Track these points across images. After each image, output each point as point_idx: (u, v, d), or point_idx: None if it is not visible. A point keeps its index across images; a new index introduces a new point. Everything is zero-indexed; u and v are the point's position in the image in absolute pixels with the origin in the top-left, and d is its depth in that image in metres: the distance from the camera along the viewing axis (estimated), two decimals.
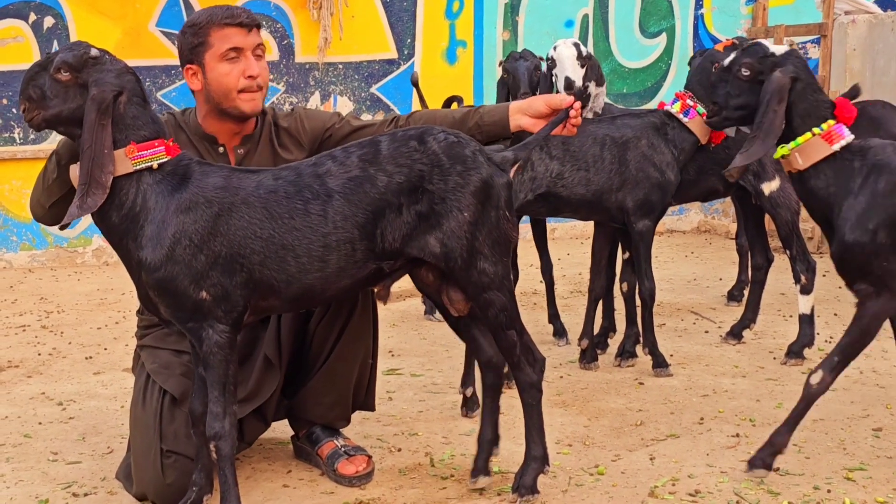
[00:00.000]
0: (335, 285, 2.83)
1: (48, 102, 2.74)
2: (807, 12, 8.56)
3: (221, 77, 3.11)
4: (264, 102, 3.23)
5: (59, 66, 2.72)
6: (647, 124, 4.32)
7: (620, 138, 4.28)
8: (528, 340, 2.99)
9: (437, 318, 5.53)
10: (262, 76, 3.15)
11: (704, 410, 3.92)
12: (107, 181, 2.69)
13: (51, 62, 2.75)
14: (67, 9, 7.50)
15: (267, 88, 3.21)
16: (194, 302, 2.73)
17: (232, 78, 3.11)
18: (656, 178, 4.26)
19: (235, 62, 3.11)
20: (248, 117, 3.19)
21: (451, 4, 8.22)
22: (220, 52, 3.10)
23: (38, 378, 4.57)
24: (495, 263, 2.86)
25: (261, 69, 3.15)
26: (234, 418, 2.82)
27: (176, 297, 2.74)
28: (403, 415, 3.94)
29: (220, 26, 3.10)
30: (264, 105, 3.25)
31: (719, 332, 5.14)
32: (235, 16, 3.11)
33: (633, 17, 8.64)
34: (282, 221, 2.75)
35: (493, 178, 2.86)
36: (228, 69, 3.11)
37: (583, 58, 4.41)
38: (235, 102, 3.13)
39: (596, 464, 3.39)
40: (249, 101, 3.14)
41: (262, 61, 3.18)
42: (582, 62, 4.41)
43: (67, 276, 7.22)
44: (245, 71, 3.11)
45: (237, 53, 3.11)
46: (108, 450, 3.62)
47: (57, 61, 2.73)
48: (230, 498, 2.85)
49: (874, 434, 3.63)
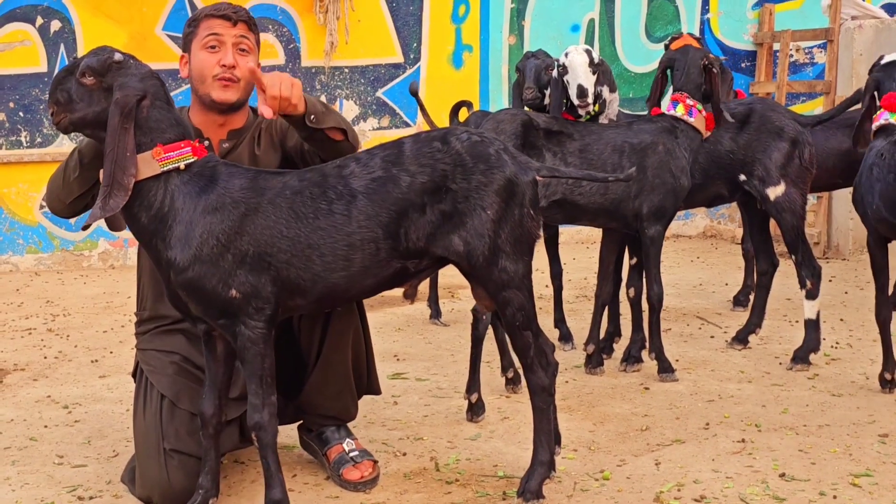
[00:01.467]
0: (360, 284, 2.88)
1: (74, 106, 2.82)
2: (813, 17, 8.54)
3: (199, 63, 3.20)
4: (243, 96, 3.24)
5: (84, 70, 2.80)
6: (661, 129, 4.33)
7: (639, 144, 4.27)
8: (544, 343, 3.00)
9: (443, 322, 5.53)
10: (240, 69, 3.18)
11: (710, 416, 3.91)
12: (129, 183, 2.74)
13: (77, 67, 2.82)
14: (74, 12, 7.52)
15: (248, 84, 3.22)
16: (224, 300, 2.79)
17: (208, 65, 3.19)
18: (671, 183, 4.27)
19: (215, 52, 3.19)
20: (219, 108, 3.22)
21: (458, 8, 8.23)
22: (202, 39, 3.20)
23: (43, 381, 4.57)
24: (516, 262, 2.88)
25: (242, 64, 3.18)
26: (273, 408, 2.87)
27: (205, 295, 2.80)
28: (408, 419, 3.94)
29: (207, 17, 3.22)
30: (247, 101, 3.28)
31: (725, 337, 5.13)
32: (221, 9, 3.22)
33: (640, 22, 8.64)
34: (307, 221, 2.80)
35: (518, 176, 2.88)
36: (206, 56, 3.20)
37: (594, 64, 4.40)
38: (208, 89, 3.20)
39: (601, 469, 3.38)
40: (221, 90, 3.19)
41: (247, 57, 3.22)
42: (594, 69, 4.40)
43: (73, 279, 7.23)
44: (221, 59, 3.17)
45: (218, 43, 3.19)
46: (113, 453, 3.62)
47: (82, 66, 2.81)
48: (275, 485, 2.91)
49: (880, 440, 3.62)
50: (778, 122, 4.64)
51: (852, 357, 4.74)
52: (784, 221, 4.63)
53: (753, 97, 5.17)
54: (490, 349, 4.96)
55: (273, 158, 3.31)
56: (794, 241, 4.65)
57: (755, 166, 4.62)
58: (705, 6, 8.75)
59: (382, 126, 8.12)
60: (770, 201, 4.61)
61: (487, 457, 3.51)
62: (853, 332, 5.18)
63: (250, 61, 3.21)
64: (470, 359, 3.91)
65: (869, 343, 4.97)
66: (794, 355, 4.59)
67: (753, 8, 8.80)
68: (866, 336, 5.10)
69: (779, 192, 4.59)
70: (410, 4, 8.12)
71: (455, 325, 5.49)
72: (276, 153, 3.33)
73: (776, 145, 4.58)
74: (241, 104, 3.26)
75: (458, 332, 5.33)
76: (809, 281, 4.64)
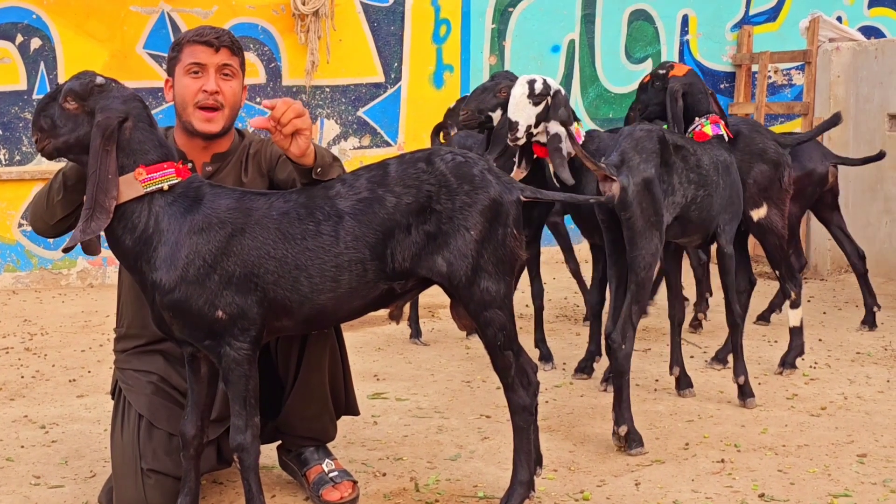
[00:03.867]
0: (347, 306, 2.88)
1: (58, 131, 2.81)
2: (792, 39, 8.62)
3: (182, 89, 3.18)
4: (227, 123, 3.22)
5: (67, 94, 2.80)
6: (728, 149, 4.39)
7: (724, 162, 4.30)
8: (525, 363, 3.01)
9: (423, 341, 5.52)
10: (224, 95, 3.17)
11: (689, 436, 3.92)
12: (110, 206, 2.73)
13: (59, 92, 2.81)
14: (55, 30, 7.50)
15: (232, 109, 3.21)
16: (210, 321, 2.78)
17: (190, 91, 3.16)
18: (738, 202, 4.37)
19: (197, 78, 3.17)
20: (202, 135, 3.20)
21: (439, 29, 8.26)
22: (186, 65, 3.18)
23: (20, 401, 4.54)
24: (498, 282, 2.88)
25: (225, 89, 3.17)
26: (256, 430, 2.87)
27: (191, 316, 2.79)
28: (388, 439, 3.93)
29: (190, 43, 3.19)
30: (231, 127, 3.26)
31: (704, 356, 5.15)
32: (204, 34, 3.18)
33: (620, 43, 8.69)
34: (295, 242, 2.80)
35: (502, 196, 2.89)
36: (189, 82, 3.17)
37: (536, 95, 4.32)
38: (190, 117, 3.18)
39: (581, 489, 3.38)
40: (203, 120, 3.17)
41: (231, 82, 3.20)
42: (535, 100, 4.32)
43: (52, 298, 7.19)
44: (203, 85, 3.15)
45: (200, 69, 3.17)
46: (90, 474, 3.59)
47: (64, 91, 2.80)
48: None
49: (859, 460, 3.63)
50: (761, 144, 4.69)
51: (831, 377, 4.76)
52: (767, 242, 4.70)
53: (738, 118, 5.21)
54: (472, 368, 4.95)
55: (259, 186, 3.28)
56: (777, 260, 4.77)
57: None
58: (684, 28, 8.82)
59: (363, 145, 8.13)
60: (753, 222, 4.66)
61: (467, 477, 3.51)
62: (831, 353, 5.21)
63: (234, 85, 3.21)
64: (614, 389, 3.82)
65: (847, 363, 4.99)
66: (783, 360, 4.85)
67: (732, 30, 8.87)
68: (844, 356, 5.13)
69: (761, 214, 4.64)
70: (392, 24, 8.14)
71: (435, 345, 5.48)
72: (263, 180, 3.31)
73: (758, 167, 4.63)
74: (225, 132, 3.24)
75: (439, 351, 5.33)
76: (793, 292, 4.82)
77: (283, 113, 2.83)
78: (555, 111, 4.35)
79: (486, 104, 4.83)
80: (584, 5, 8.56)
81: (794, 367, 4.82)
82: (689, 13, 8.81)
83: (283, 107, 2.84)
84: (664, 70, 4.54)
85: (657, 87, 4.53)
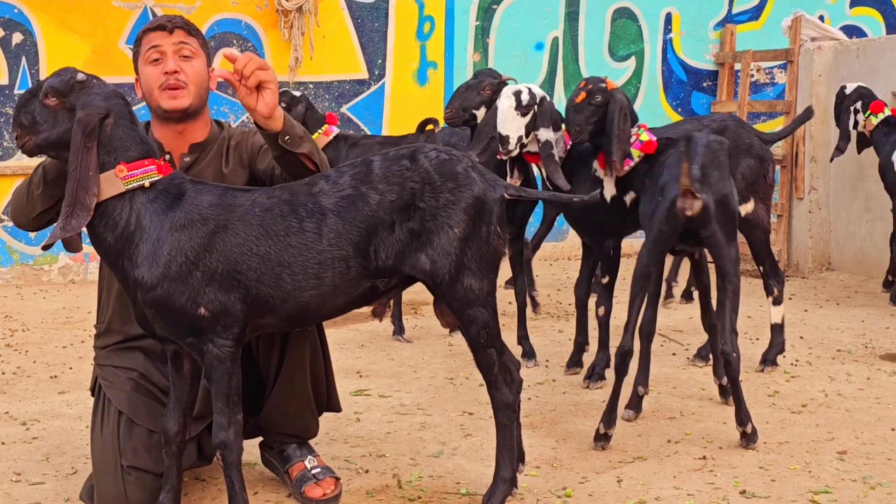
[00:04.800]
0: (330, 303, 2.87)
1: (38, 128, 2.79)
2: (774, 38, 8.65)
3: (146, 78, 3.20)
4: (195, 101, 3.20)
5: (47, 91, 2.78)
6: None
7: None
8: (508, 360, 3.01)
9: (406, 338, 5.52)
10: (186, 74, 3.16)
11: (671, 433, 3.93)
12: (91, 203, 2.72)
13: (40, 89, 2.80)
14: (37, 25, 7.46)
15: (198, 87, 3.20)
16: (192, 318, 2.77)
17: (153, 77, 3.17)
18: None
19: (157, 63, 3.17)
20: (174, 117, 3.19)
21: (423, 26, 8.25)
22: (145, 54, 3.19)
23: (1, 397, 4.51)
24: (481, 279, 2.89)
25: (186, 68, 3.16)
26: (238, 427, 2.87)
27: (173, 313, 2.78)
28: (371, 436, 3.93)
29: (146, 32, 3.22)
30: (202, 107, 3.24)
31: (686, 354, 5.16)
32: (156, 21, 3.22)
33: (603, 41, 8.70)
34: (278, 239, 2.79)
35: (486, 194, 2.89)
36: (150, 70, 3.19)
37: (523, 106, 4.32)
38: (157, 101, 3.18)
39: (564, 486, 3.39)
40: (169, 98, 3.16)
41: (192, 61, 3.19)
42: (522, 111, 4.32)
43: (33, 293, 7.15)
44: (163, 68, 3.15)
45: (159, 54, 3.17)
46: (72, 470, 3.58)
47: (45, 87, 2.79)
48: (239, 503, 2.90)
49: (839, 457, 3.65)
50: (748, 140, 4.72)
51: (811, 374, 4.78)
52: (753, 237, 4.74)
53: (723, 114, 5.22)
54: (455, 365, 4.96)
55: (240, 177, 3.28)
56: (762, 254, 4.80)
57: None
58: (668, 26, 8.84)
59: None
60: (741, 217, 4.67)
61: (450, 474, 3.51)
62: (812, 350, 5.23)
63: (196, 63, 3.19)
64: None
65: (828, 360, 5.02)
66: (764, 358, 4.87)
67: (715, 28, 8.90)
68: (825, 354, 5.15)
69: (749, 209, 4.67)
70: (375, 21, 8.13)
71: (418, 342, 5.48)
72: (244, 171, 3.30)
73: (746, 162, 4.65)
74: (195, 110, 3.21)
75: (422, 348, 5.33)
76: (776, 288, 4.85)
77: (244, 65, 2.84)
78: (542, 119, 4.36)
79: (470, 102, 4.84)
80: (567, 3, 8.57)
81: (776, 365, 4.84)
82: (672, 11, 8.84)
83: (244, 59, 2.85)
84: (602, 84, 4.36)
85: (597, 102, 4.28)
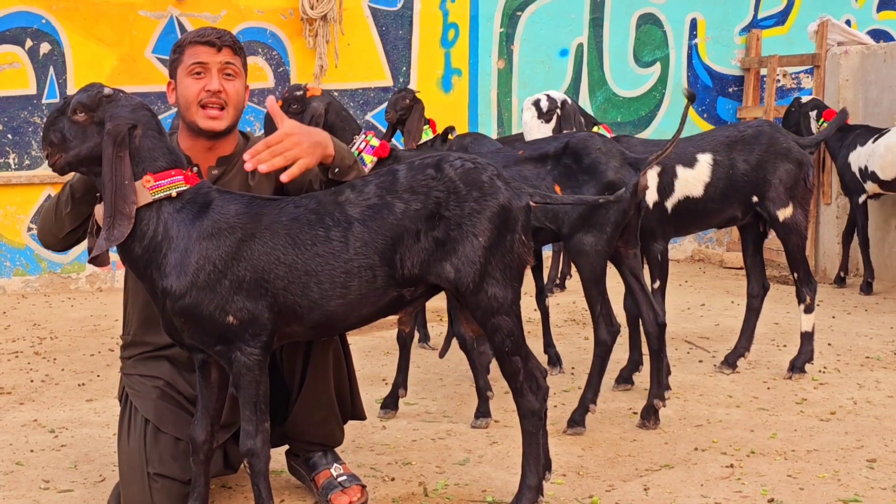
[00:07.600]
0: (356, 312, 2.88)
1: (69, 144, 2.82)
2: (800, 43, 8.61)
3: (185, 90, 3.18)
4: (231, 122, 3.21)
5: (75, 107, 2.80)
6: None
7: None
8: (535, 368, 3.00)
9: (431, 346, 5.52)
10: (227, 94, 3.16)
11: (698, 440, 3.91)
12: (131, 211, 2.75)
13: (68, 105, 2.82)
14: (64, 35, 7.53)
15: (236, 109, 3.21)
16: (221, 326, 2.79)
17: (193, 91, 3.16)
18: None
19: (200, 78, 3.16)
20: (207, 134, 3.19)
21: (447, 33, 8.27)
22: (188, 66, 3.17)
23: (30, 405, 4.55)
24: (505, 287, 2.89)
25: (228, 88, 3.17)
26: (266, 435, 2.88)
27: (202, 322, 2.79)
28: (397, 444, 3.93)
29: (191, 44, 3.18)
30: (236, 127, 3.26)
31: (713, 361, 5.14)
32: (206, 35, 3.18)
33: (628, 47, 8.69)
34: (305, 248, 2.80)
35: (511, 202, 2.89)
36: (191, 83, 3.17)
37: (545, 113, 4.36)
38: (194, 117, 3.17)
39: (590, 494, 3.37)
40: (207, 118, 3.16)
41: (234, 82, 3.19)
42: (546, 118, 4.36)
43: (61, 301, 7.20)
44: (206, 85, 3.15)
45: (203, 69, 3.16)
46: (99, 478, 3.60)
47: (73, 103, 2.81)
48: None
49: (868, 465, 3.62)
50: (785, 144, 4.69)
51: (840, 382, 4.75)
52: (790, 242, 4.73)
53: (761, 120, 5.21)
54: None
55: (266, 188, 3.27)
56: (798, 261, 4.79)
57: (767, 188, 4.65)
58: (693, 31, 8.81)
59: None
60: (779, 223, 4.66)
61: (476, 482, 3.51)
62: (841, 357, 5.20)
63: (237, 85, 3.21)
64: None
65: (856, 367, 4.98)
66: (792, 365, 4.85)
67: (741, 33, 8.87)
68: (853, 361, 5.11)
69: (787, 214, 4.65)
70: (400, 28, 8.15)
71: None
72: (271, 184, 3.28)
73: (784, 167, 4.62)
74: (229, 130, 3.24)
75: (447, 355, 5.32)
76: (808, 296, 4.83)
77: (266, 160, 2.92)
78: (567, 121, 4.39)
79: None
80: (592, 9, 8.56)
81: (804, 372, 4.81)
82: (697, 17, 8.81)
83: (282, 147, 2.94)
84: (301, 91, 4.34)
85: (294, 110, 4.30)
